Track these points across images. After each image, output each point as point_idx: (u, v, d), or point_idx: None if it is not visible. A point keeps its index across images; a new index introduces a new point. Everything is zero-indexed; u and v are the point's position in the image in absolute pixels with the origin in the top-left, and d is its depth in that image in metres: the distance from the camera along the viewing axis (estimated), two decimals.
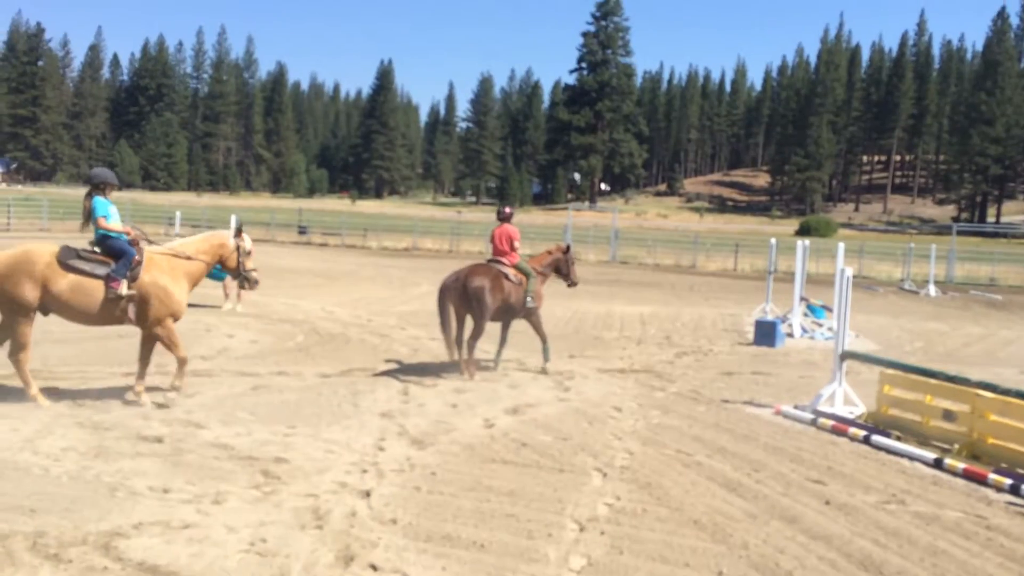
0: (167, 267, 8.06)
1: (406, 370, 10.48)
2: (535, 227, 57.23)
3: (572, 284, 11.58)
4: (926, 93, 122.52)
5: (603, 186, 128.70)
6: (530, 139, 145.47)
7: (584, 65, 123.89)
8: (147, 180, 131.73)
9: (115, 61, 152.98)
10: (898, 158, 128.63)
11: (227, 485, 5.86)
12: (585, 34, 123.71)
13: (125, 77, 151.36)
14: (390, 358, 11.36)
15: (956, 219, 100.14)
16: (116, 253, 7.83)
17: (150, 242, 8.30)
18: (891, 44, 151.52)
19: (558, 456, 6.99)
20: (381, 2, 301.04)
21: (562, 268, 11.35)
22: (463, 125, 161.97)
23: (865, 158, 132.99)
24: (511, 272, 10.57)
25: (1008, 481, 6.60)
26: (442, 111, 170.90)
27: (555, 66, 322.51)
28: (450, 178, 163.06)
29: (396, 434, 7.46)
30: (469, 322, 10.38)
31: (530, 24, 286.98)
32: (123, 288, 7.71)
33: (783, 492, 6.28)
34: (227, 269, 8.67)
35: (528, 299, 10.61)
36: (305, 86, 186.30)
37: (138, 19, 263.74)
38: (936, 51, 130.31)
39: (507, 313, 10.67)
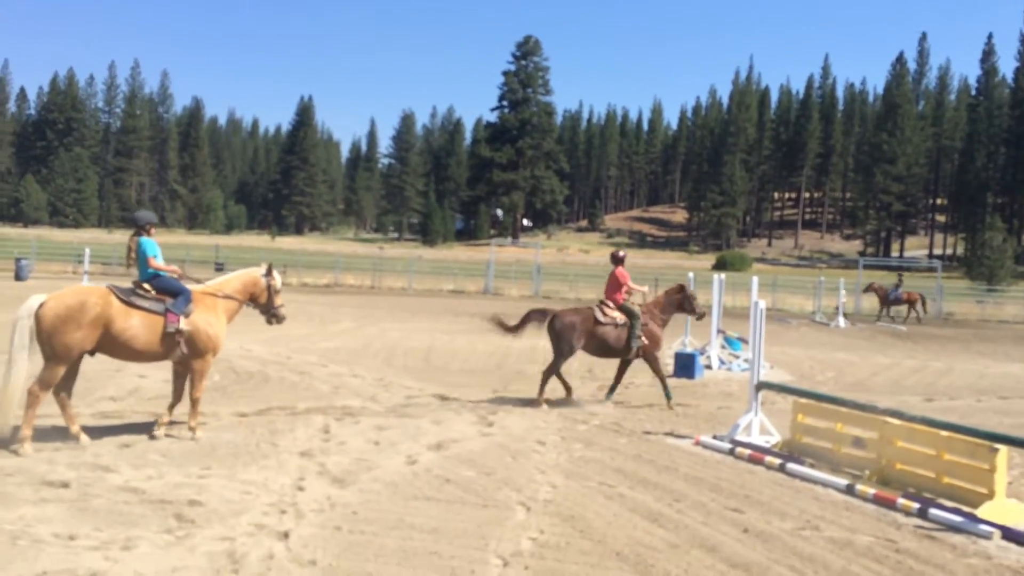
0: (210, 304, 8.51)
1: (327, 408, 10.29)
2: (459, 263, 57.29)
3: (700, 317, 12.45)
4: (832, 133, 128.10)
5: (525, 222, 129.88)
6: (452, 175, 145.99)
7: (505, 103, 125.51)
8: (55, 216, 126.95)
9: (22, 95, 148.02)
10: (807, 195, 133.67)
11: (137, 530, 5.63)
12: (506, 73, 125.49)
13: (32, 111, 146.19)
14: (310, 396, 11.14)
15: (862, 253, 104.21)
16: (172, 291, 8.21)
17: (194, 281, 8.75)
18: (798, 86, 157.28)
19: (481, 491, 6.96)
20: (301, 38, 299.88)
21: (684, 306, 12.01)
22: (385, 161, 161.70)
23: (776, 195, 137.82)
24: (605, 314, 11.24)
25: (916, 505, 6.84)
26: (364, 147, 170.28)
27: (476, 104, 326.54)
28: (372, 214, 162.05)
29: (316, 473, 7.31)
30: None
31: (452, 62, 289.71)
32: (182, 323, 8.09)
33: (703, 521, 6.38)
34: (257, 305, 9.05)
35: (635, 340, 11.20)
36: (223, 121, 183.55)
37: (47, 52, 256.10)
38: (840, 93, 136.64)
39: (606, 351, 11.44)
